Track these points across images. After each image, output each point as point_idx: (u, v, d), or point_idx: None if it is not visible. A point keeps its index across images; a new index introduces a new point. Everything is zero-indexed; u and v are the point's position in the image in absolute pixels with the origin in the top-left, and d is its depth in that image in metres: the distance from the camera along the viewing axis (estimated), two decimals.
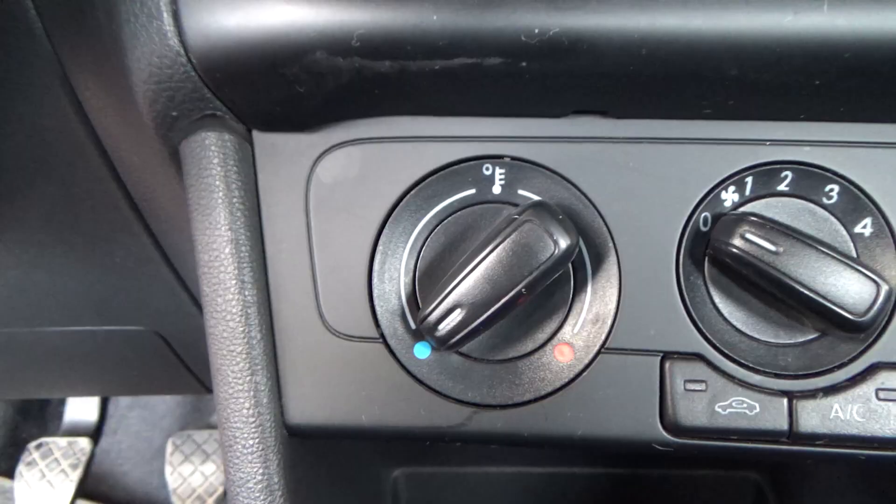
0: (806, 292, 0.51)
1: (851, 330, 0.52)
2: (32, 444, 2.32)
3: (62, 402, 2.49)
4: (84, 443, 2.36)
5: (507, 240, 0.53)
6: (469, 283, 0.53)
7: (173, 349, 1.27)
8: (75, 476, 2.29)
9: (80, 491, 2.26)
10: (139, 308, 1.19)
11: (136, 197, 0.78)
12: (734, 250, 0.53)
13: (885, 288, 0.51)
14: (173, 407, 2.40)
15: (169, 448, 2.26)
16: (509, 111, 0.57)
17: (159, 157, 0.62)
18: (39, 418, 2.47)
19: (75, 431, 2.44)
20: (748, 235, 0.52)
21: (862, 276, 0.51)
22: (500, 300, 0.53)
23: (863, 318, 0.51)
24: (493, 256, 0.53)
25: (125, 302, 1.16)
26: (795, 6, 0.46)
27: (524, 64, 0.49)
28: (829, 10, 0.46)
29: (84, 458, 2.33)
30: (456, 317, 0.54)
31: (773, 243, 0.52)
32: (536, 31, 0.47)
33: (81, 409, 2.46)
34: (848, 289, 0.51)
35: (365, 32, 0.48)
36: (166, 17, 0.50)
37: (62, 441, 2.37)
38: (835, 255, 0.51)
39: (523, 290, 0.53)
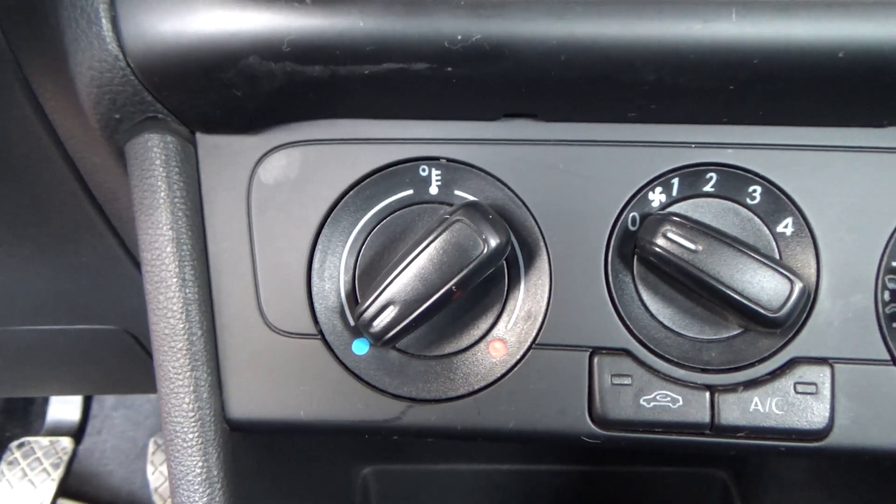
0: (723, 289, 0.53)
1: (768, 325, 0.54)
2: (14, 444, 2.32)
3: (46, 402, 2.49)
4: (66, 442, 2.37)
5: (439, 239, 0.55)
6: (402, 280, 0.55)
7: (144, 348, 1.28)
8: (57, 475, 2.30)
9: (62, 490, 2.27)
10: (109, 307, 1.20)
11: (99, 197, 0.79)
12: (657, 249, 0.55)
13: (798, 285, 0.53)
14: (158, 407, 2.40)
15: (151, 447, 2.27)
16: (445, 114, 0.59)
17: (112, 158, 0.63)
18: (23, 418, 2.48)
19: (58, 431, 2.44)
20: (670, 235, 0.54)
21: (777, 273, 0.53)
22: (431, 297, 0.55)
23: (778, 314, 0.53)
24: (424, 255, 0.55)
25: (95, 301, 1.17)
26: (705, 15, 0.47)
27: (450, 69, 0.50)
28: (738, 18, 0.47)
29: (65, 458, 2.34)
30: (389, 313, 0.55)
31: (693, 242, 0.54)
32: (459, 37, 0.49)
33: (64, 408, 2.47)
34: (763, 286, 0.53)
35: (295, 38, 0.49)
36: (105, 23, 0.52)
37: (44, 441, 2.38)
38: (752, 253, 0.53)
39: (454, 287, 0.54)
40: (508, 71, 0.50)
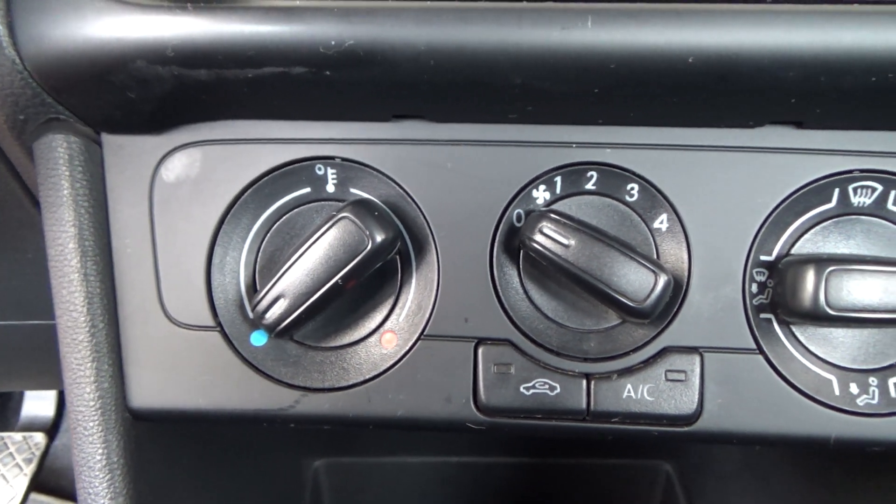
0: (592, 282, 0.56)
1: (636, 316, 0.57)
2: None
3: (22, 397, 2.50)
4: (39, 437, 2.38)
5: (326, 235, 0.57)
6: (292, 274, 0.58)
7: None
8: (29, 470, 2.31)
9: (34, 485, 2.28)
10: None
11: (37, 194, 0.81)
12: (534, 244, 0.57)
13: (663, 278, 0.56)
14: None
15: None
16: (339, 115, 0.61)
17: (27, 157, 0.66)
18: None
19: (32, 426, 2.45)
20: (546, 230, 0.57)
21: (643, 267, 0.56)
22: (319, 290, 0.57)
23: (643, 305, 0.56)
24: (312, 250, 0.57)
25: (44, 297, 1.18)
26: (563, 21, 0.50)
27: (328, 73, 0.53)
28: (594, 25, 0.50)
29: (38, 453, 2.35)
30: (280, 306, 0.58)
31: (565, 238, 0.57)
32: (333, 42, 0.51)
33: (38, 404, 2.48)
34: (630, 279, 0.56)
35: (178, 43, 0.52)
36: (1, 29, 0.54)
37: (17, 436, 2.39)
38: (620, 248, 0.56)
39: (340, 281, 0.57)
40: (383, 75, 0.53)
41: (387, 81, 0.54)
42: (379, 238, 0.57)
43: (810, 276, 0.56)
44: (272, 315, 0.58)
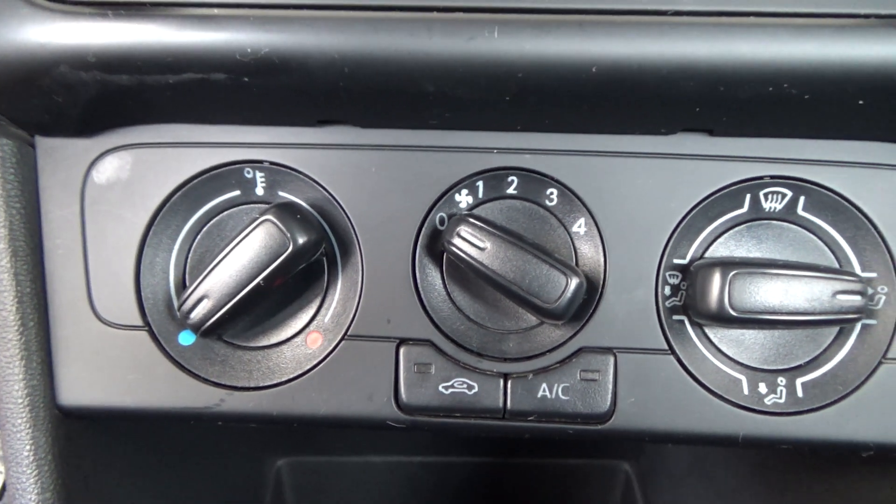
0: (506, 284, 0.58)
1: (549, 317, 0.58)
2: None
3: None
4: None
5: (249, 237, 0.59)
6: (215, 275, 0.59)
7: None
8: None
9: None
10: None
11: None
12: (452, 247, 0.59)
13: (574, 280, 0.57)
14: None
15: None
16: (267, 120, 0.62)
17: None
18: None
19: None
20: (463, 234, 0.59)
21: (555, 270, 0.57)
22: (241, 291, 0.59)
23: (554, 307, 0.57)
24: (235, 252, 0.59)
25: None
26: (471, 32, 0.52)
27: (246, 79, 0.54)
28: (500, 35, 0.52)
29: None
30: (204, 306, 0.60)
31: (481, 241, 0.58)
32: (249, 50, 0.53)
33: None
34: (541, 281, 0.57)
35: (99, 50, 0.53)
36: None
37: None
38: (533, 251, 0.58)
39: (262, 282, 0.59)
40: (300, 82, 0.54)
41: (304, 88, 0.55)
42: (300, 240, 0.59)
43: (716, 280, 0.57)
44: (196, 315, 0.60)
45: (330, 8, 0.53)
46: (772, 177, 0.61)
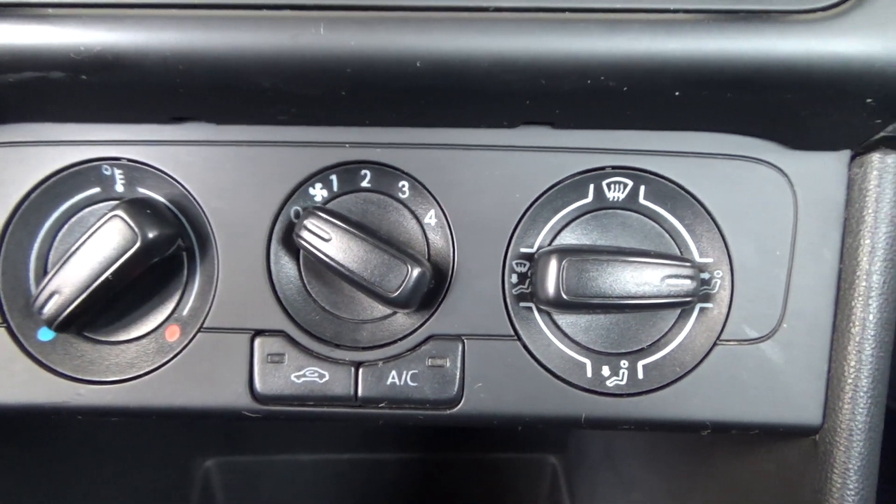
0: (349, 274, 0.59)
1: (394, 305, 0.60)
2: None
3: None
4: None
5: (98, 232, 0.60)
6: (66, 270, 0.60)
7: None
8: None
9: None
10: None
11: None
12: (301, 240, 0.61)
13: (417, 270, 0.59)
14: None
15: None
16: (124, 118, 0.64)
17: None
18: None
19: None
20: (309, 226, 0.60)
21: (396, 260, 0.59)
22: (91, 286, 0.60)
23: (396, 295, 0.59)
24: (85, 247, 0.60)
25: None
26: (298, 28, 0.53)
27: (84, 77, 0.55)
28: (326, 31, 0.53)
29: None
30: (56, 301, 0.60)
31: (326, 233, 0.60)
32: (83, 48, 0.54)
33: None
34: (383, 271, 0.59)
35: None
36: None
37: None
38: (375, 243, 0.60)
39: (111, 276, 0.60)
40: (137, 79, 0.55)
41: (142, 85, 0.56)
42: (150, 235, 0.60)
43: (552, 267, 0.59)
44: (49, 309, 0.60)
45: (161, 6, 0.54)
46: (613, 167, 0.63)
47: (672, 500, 0.92)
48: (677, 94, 0.55)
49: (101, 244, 0.60)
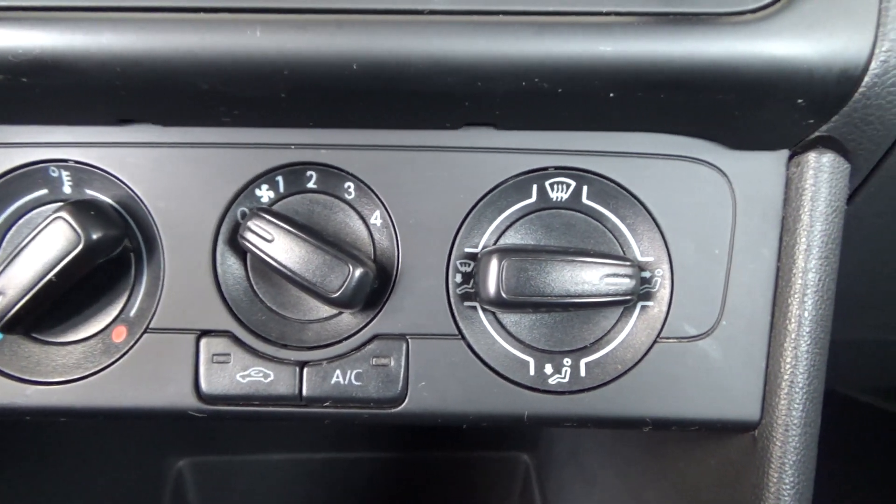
0: (291, 275, 0.60)
1: (337, 305, 0.61)
2: None
3: None
4: None
5: (41, 234, 0.60)
6: (10, 272, 0.60)
7: None
8: None
9: None
10: None
11: None
12: (244, 241, 0.61)
13: (359, 270, 0.60)
14: None
15: None
16: (71, 119, 0.64)
17: None
18: None
19: None
20: (253, 227, 0.61)
21: (337, 260, 0.60)
22: (34, 287, 0.60)
23: (338, 295, 0.59)
24: (28, 248, 0.60)
25: None
26: (235, 31, 0.54)
27: (24, 80, 0.56)
28: (262, 34, 0.54)
29: None
30: (1, 302, 0.61)
31: (268, 233, 0.60)
32: (21, 51, 0.54)
33: None
34: (324, 271, 0.60)
35: None
36: None
37: None
38: (317, 243, 0.60)
39: (54, 278, 0.60)
40: (78, 82, 0.56)
41: (84, 87, 0.56)
42: (94, 236, 0.60)
43: (493, 266, 0.60)
44: None
45: (99, 10, 0.54)
46: (556, 168, 0.64)
47: (629, 497, 0.93)
48: (612, 95, 0.56)
49: (44, 246, 0.60)
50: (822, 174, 0.61)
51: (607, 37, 0.53)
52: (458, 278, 0.64)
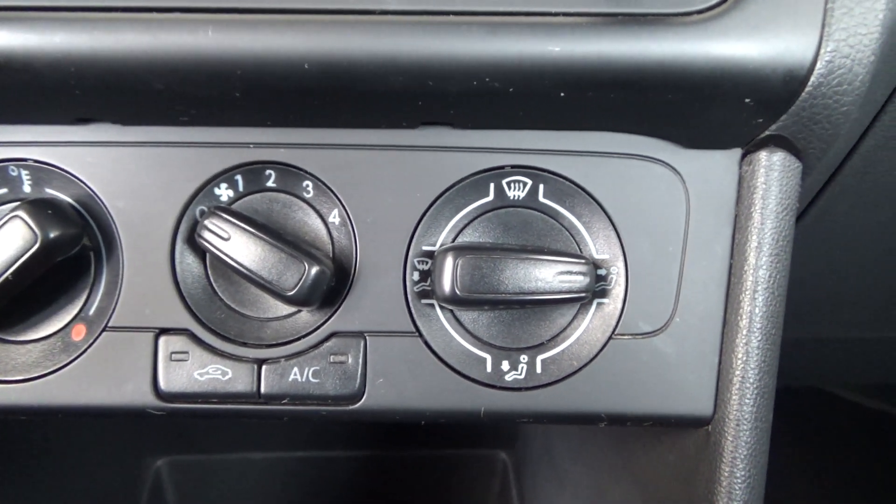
0: (248, 273, 0.60)
1: (293, 303, 0.61)
2: None
3: None
4: None
5: None
6: None
7: None
8: None
9: None
10: None
11: None
12: (202, 239, 0.61)
13: (315, 268, 0.60)
14: None
15: None
16: (29, 119, 0.64)
17: None
18: None
19: None
20: (210, 226, 0.61)
21: (293, 258, 0.60)
22: None
23: (294, 293, 0.60)
24: None
25: None
26: (187, 30, 0.54)
27: None
28: (214, 34, 0.54)
29: None
30: None
31: (225, 232, 0.61)
32: None
33: None
34: (280, 269, 0.60)
35: None
36: None
37: None
38: (272, 242, 0.60)
39: (10, 276, 0.60)
40: (31, 81, 0.56)
41: (38, 87, 0.57)
42: (51, 235, 0.60)
43: (448, 264, 0.61)
44: None
45: (51, 9, 0.55)
46: (512, 166, 0.65)
47: (596, 494, 0.94)
48: (562, 94, 0.57)
49: (1, 245, 0.60)
50: (773, 172, 0.62)
51: (556, 37, 0.54)
52: (416, 276, 0.65)
